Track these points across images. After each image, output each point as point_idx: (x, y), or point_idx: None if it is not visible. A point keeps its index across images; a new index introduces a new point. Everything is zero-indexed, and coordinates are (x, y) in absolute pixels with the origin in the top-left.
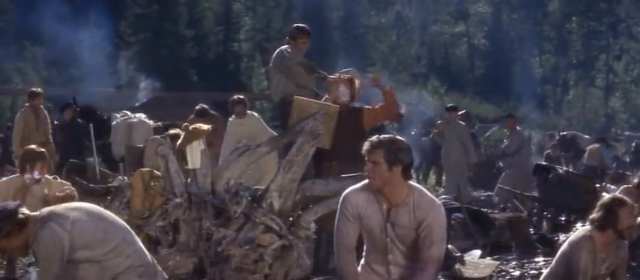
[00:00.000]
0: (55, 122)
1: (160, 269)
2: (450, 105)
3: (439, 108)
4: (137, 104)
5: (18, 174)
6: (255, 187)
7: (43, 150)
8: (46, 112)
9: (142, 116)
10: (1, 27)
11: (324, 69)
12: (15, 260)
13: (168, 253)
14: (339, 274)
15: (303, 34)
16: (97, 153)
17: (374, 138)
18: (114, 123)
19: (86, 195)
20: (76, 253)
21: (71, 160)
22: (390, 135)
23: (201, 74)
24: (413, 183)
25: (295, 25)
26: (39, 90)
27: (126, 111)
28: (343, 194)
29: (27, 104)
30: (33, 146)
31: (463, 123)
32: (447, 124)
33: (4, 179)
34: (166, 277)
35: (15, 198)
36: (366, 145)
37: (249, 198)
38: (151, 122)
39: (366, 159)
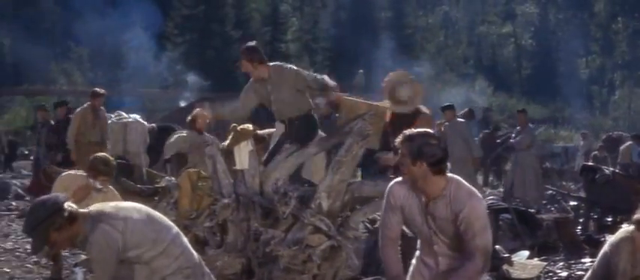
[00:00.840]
0: (51, 122)
1: (207, 270)
2: (445, 104)
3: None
4: (183, 104)
5: (83, 173)
6: (304, 188)
7: (112, 164)
8: (105, 113)
9: (136, 116)
10: (46, 28)
11: (372, 68)
12: (61, 260)
13: (216, 253)
14: (383, 262)
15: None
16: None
17: (406, 131)
18: (108, 122)
19: (133, 195)
20: (127, 253)
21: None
22: (421, 130)
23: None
24: (451, 175)
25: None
26: (102, 91)
27: (120, 112)
28: (388, 185)
29: (88, 103)
30: (102, 156)
31: (462, 120)
32: (447, 124)
33: (70, 172)
34: (214, 278)
35: (76, 195)
36: (398, 138)
37: (298, 199)
38: (145, 123)
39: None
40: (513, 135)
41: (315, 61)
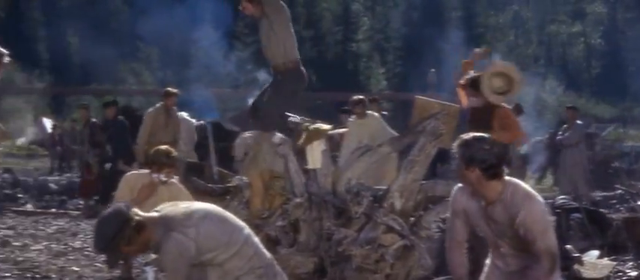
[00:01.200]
0: (93, 119)
1: (279, 269)
2: (569, 105)
3: (556, 108)
4: None
5: (147, 170)
6: (376, 187)
7: (174, 156)
8: (177, 113)
9: (184, 114)
10: (114, 28)
11: (442, 67)
12: (130, 259)
13: (289, 253)
14: (448, 265)
15: None
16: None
17: (461, 136)
18: None
19: (204, 195)
20: (200, 258)
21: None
22: (476, 134)
23: (319, 74)
24: (509, 178)
25: None
26: (174, 90)
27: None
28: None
29: (160, 102)
30: (164, 148)
31: (581, 122)
32: (567, 125)
33: (134, 172)
34: (286, 277)
35: (141, 194)
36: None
37: (371, 198)
38: (193, 120)
39: None
40: (561, 132)
41: (387, 60)
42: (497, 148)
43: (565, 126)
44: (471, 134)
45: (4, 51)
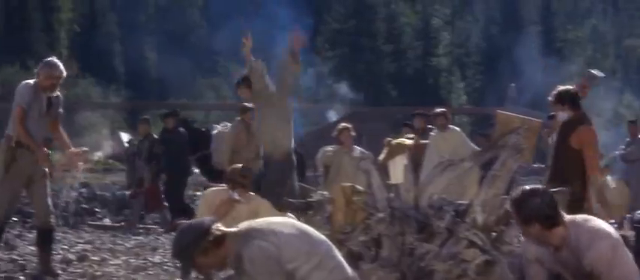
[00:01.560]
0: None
1: None
2: (631, 119)
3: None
4: (335, 119)
5: (226, 187)
6: (458, 201)
7: (248, 175)
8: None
9: None
10: (192, 42)
11: (522, 81)
12: (211, 275)
13: (371, 268)
14: None
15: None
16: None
17: (512, 195)
18: (215, 131)
19: (286, 209)
20: (283, 267)
21: None
22: (525, 189)
23: (399, 89)
24: (572, 218)
25: None
26: (250, 105)
27: (226, 123)
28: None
29: (238, 118)
30: (238, 167)
31: None
32: (633, 139)
33: (213, 188)
34: None
35: (219, 210)
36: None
37: (453, 213)
38: None
39: None
40: (623, 147)
41: (466, 75)
42: (548, 196)
43: (628, 140)
44: (520, 190)
45: (63, 69)
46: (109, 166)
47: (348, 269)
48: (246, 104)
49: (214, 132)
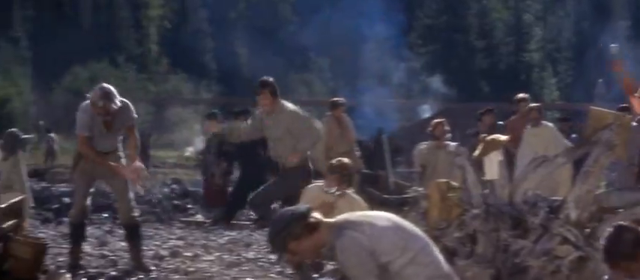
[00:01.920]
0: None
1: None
2: None
3: None
4: (426, 115)
5: (322, 183)
6: (552, 198)
7: (349, 169)
8: (349, 121)
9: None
10: (283, 38)
11: (613, 76)
12: (306, 270)
13: (466, 264)
14: None
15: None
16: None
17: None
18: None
19: (380, 205)
20: (377, 260)
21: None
22: (613, 230)
23: (492, 85)
24: None
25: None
26: (341, 100)
27: None
28: None
29: (329, 113)
30: (338, 162)
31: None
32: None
33: (315, 184)
34: None
35: (323, 207)
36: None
37: (547, 209)
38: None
39: None
40: None
41: (558, 70)
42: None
43: None
44: (611, 233)
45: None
46: (200, 162)
47: (445, 266)
48: (336, 99)
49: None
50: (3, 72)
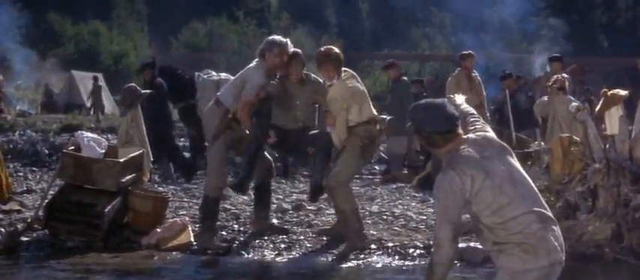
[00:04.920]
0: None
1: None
2: None
3: None
4: (547, 69)
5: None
6: None
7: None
8: (478, 75)
9: (226, 75)
10: None
11: None
12: None
13: (587, 218)
14: None
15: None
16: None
17: None
18: (200, 79)
19: None
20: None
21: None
22: None
23: (611, 40)
24: None
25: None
26: (470, 52)
27: (209, 70)
28: None
29: (458, 68)
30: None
31: None
32: None
33: None
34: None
35: None
36: None
37: None
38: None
39: None
40: None
41: None
42: None
43: None
44: None
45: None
46: None
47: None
48: (464, 52)
49: (199, 80)
50: (119, 27)
